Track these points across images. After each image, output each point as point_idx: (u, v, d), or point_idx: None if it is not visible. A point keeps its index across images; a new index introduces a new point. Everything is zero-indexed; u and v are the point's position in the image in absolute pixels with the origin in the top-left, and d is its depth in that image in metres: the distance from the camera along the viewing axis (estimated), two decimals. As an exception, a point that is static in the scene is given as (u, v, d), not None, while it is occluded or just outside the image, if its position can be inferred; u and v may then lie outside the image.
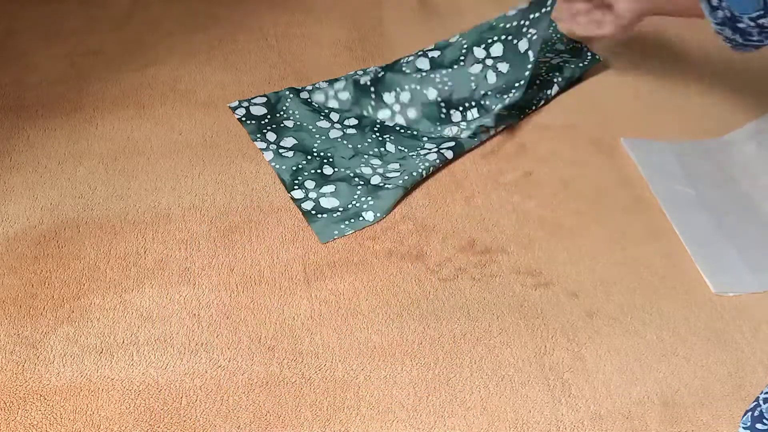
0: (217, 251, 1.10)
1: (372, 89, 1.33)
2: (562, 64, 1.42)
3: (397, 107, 1.31)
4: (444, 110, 1.30)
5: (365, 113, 1.33)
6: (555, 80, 1.38)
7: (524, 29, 1.29)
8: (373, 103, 1.33)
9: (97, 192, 1.18)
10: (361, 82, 1.34)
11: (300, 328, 1.01)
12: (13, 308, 1.02)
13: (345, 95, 1.34)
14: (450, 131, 1.29)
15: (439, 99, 1.30)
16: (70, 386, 0.94)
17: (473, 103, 1.30)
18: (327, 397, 0.94)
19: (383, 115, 1.32)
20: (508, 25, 1.30)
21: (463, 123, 1.29)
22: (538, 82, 1.39)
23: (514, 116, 1.33)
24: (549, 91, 1.37)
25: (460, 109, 1.30)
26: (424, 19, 1.56)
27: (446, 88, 1.30)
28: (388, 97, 1.32)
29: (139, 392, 0.94)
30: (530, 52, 1.28)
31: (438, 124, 1.30)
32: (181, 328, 1.00)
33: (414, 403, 0.94)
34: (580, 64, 1.42)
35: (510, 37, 1.30)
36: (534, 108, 1.36)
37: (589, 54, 1.44)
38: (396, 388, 0.95)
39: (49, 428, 0.90)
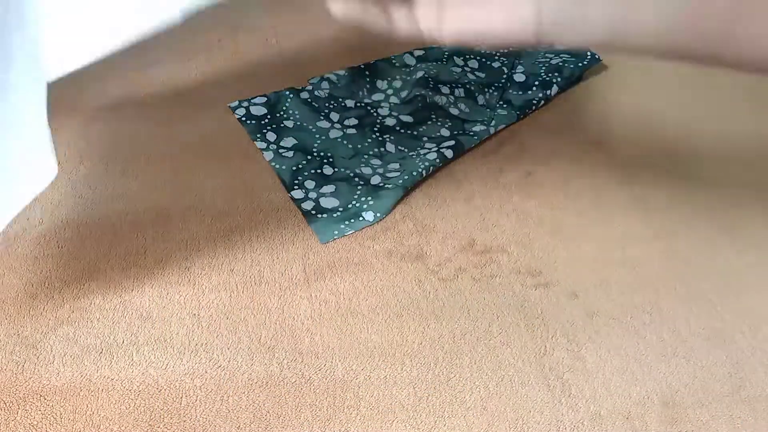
0: (217, 251, 1.10)
1: (367, 72, 1.41)
2: (562, 64, 1.42)
3: (390, 91, 1.39)
4: (432, 83, 1.37)
5: (360, 93, 1.38)
6: (555, 80, 1.38)
7: (496, 54, 1.44)
8: (368, 85, 1.39)
9: (97, 192, 1.18)
10: (356, 65, 1.42)
11: (300, 328, 1.01)
12: (13, 308, 1.02)
13: (341, 72, 1.40)
14: (440, 99, 1.35)
15: (426, 76, 1.39)
16: (70, 386, 0.94)
17: (459, 85, 1.39)
18: (327, 397, 0.94)
19: (378, 96, 1.38)
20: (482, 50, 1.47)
21: (452, 97, 1.36)
22: (537, 82, 1.39)
23: (513, 116, 1.34)
24: (549, 91, 1.37)
25: (447, 86, 1.38)
26: (424, 18, 1.56)
27: (432, 71, 1.40)
28: (381, 84, 1.40)
29: (139, 392, 0.94)
30: (504, 68, 1.42)
31: (429, 92, 1.35)
32: (181, 328, 1.00)
33: (414, 403, 0.94)
34: (580, 64, 1.42)
35: (484, 59, 1.44)
36: (534, 108, 1.36)
37: (588, 54, 1.44)
38: (396, 388, 0.95)
39: (49, 428, 0.90)
